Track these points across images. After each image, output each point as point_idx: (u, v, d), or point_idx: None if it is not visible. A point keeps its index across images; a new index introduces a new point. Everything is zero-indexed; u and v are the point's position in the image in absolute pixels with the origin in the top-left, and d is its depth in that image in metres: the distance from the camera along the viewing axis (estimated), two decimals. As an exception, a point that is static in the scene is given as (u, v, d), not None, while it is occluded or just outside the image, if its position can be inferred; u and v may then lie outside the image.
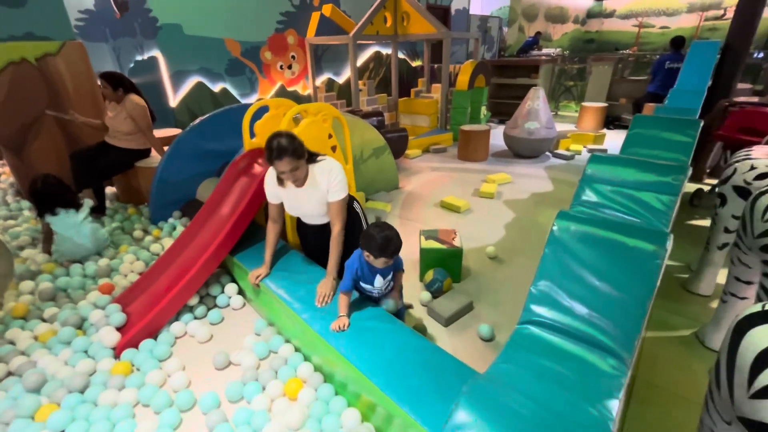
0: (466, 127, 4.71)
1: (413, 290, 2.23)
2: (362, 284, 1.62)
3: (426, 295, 2.10)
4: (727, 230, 1.93)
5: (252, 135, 2.54)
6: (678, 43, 4.79)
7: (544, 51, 8.39)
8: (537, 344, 0.98)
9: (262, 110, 2.62)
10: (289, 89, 5.80)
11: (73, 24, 4.31)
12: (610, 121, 6.17)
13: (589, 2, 15.13)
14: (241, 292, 2.22)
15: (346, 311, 1.56)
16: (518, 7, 10.91)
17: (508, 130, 4.73)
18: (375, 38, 5.64)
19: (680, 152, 1.55)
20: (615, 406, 0.82)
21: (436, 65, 7.06)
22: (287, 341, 1.83)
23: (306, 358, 1.72)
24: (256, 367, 1.71)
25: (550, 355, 0.95)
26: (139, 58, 4.67)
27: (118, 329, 1.88)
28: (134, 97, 3.12)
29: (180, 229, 2.86)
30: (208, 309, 2.11)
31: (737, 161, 1.88)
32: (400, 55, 7.28)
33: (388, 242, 1.40)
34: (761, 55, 6.20)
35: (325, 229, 1.85)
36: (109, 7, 4.70)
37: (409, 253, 2.51)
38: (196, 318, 2.05)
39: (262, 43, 5.31)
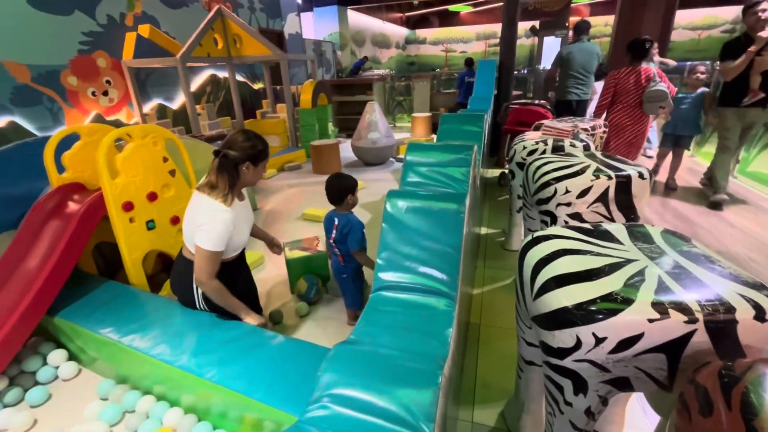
0: (317, 143, 4.90)
1: (284, 300, 2.22)
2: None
3: (303, 307, 2.11)
4: (519, 197, 2.53)
5: (60, 169, 2.14)
6: (469, 62, 6.06)
7: (376, 72, 9.34)
8: (388, 304, 1.15)
9: (71, 140, 2.23)
10: (109, 118, 5.02)
11: None
12: (436, 126, 7.29)
13: (405, 31, 17.53)
14: (72, 356, 1.83)
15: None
16: (347, 33, 11.87)
17: (354, 142, 5.10)
18: (207, 60, 5.37)
19: (473, 138, 2.02)
20: (450, 333, 1.03)
21: (278, 87, 7.11)
22: (146, 393, 1.60)
23: (174, 404, 1.54)
24: (108, 434, 1.45)
25: (398, 309, 1.12)
26: None
27: None
28: None
29: (-37, 302, 2.18)
30: (25, 390, 1.67)
31: (515, 145, 2.50)
32: (240, 78, 7.08)
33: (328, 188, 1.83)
34: (526, 71, 8.23)
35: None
36: None
37: (278, 268, 2.50)
38: (6, 406, 1.61)
39: (63, 67, 4.47)
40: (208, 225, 1.46)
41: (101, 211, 1.96)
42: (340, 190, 1.82)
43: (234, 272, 1.65)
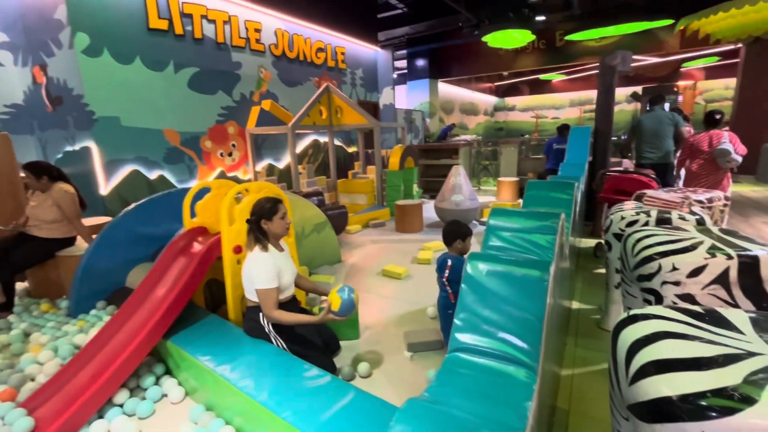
0: (401, 203, 5.13)
1: (351, 355, 2.24)
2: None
3: (363, 367, 2.07)
4: (617, 270, 2.30)
5: (193, 215, 2.59)
6: (563, 129, 5.95)
7: (462, 137, 9.69)
8: (464, 367, 1.11)
9: (203, 193, 2.71)
10: (229, 174, 5.96)
11: (-2, 118, 4.24)
12: (524, 191, 7.10)
13: (494, 99, 18.10)
14: (175, 379, 2.07)
15: None
16: (437, 102, 12.68)
17: (437, 203, 5.22)
18: (312, 128, 6.17)
19: (562, 206, 1.95)
20: (529, 406, 0.95)
21: (369, 150, 7.77)
22: (227, 423, 1.72)
23: (250, 439, 1.63)
24: (192, 457, 1.57)
25: (475, 373, 1.07)
26: (69, 148, 4.60)
27: (23, 438, 1.64)
28: (62, 185, 3.05)
29: (107, 319, 2.65)
30: (139, 401, 1.92)
31: (612, 214, 2.34)
32: (337, 142, 7.93)
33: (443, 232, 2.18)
34: (625, 137, 7.76)
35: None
36: (40, 101, 4.72)
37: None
38: (124, 414, 1.85)
39: (203, 133, 5.54)
40: (256, 269, 1.86)
41: (217, 252, 2.30)
42: (451, 234, 2.15)
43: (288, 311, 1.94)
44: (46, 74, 4.56)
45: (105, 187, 4.48)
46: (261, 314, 1.95)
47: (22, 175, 3.14)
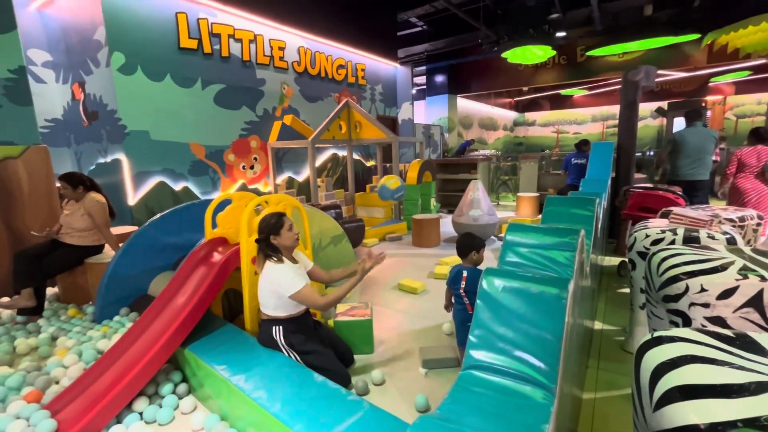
0: (418, 217, 5.12)
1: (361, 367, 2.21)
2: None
3: (378, 376, 2.11)
4: (642, 290, 2.22)
5: (214, 225, 2.65)
6: (581, 144, 5.88)
7: (481, 152, 9.64)
8: (478, 385, 1.08)
9: (225, 204, 2.78)
10: (250, 186, 6.10)
11: (39, 131, 4.50)
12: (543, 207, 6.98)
13: (514, 114, 18.02)
14: (191, 386, 2.10)
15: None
16: (455, 117, 12.73)
17: (455, 218, 5.18)
18: (331, 142, 6.28)
19: (583, 222, 1.91)
20: (547, 429, 0.91)
21: (387, 164, 7.82)
22: (241, 435, 1.73)
23: (261, 451, 1.62)
24: (205, 467, 1.57)
25: (489, 392, 1.04)
26: (101, 160, 4.83)
27: (45, 440, 1.68)
28: (94, 195, 3.19)
29: (129, 326, 2.72)
30: (156, 408, 1.95)
31: (636, 232, 2.27)
32: (355, 156, 8.03)
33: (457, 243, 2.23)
34: (651, 153, 7.57)
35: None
36: (77, 116, 5.00)
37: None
38: (141, 420, 1.88)
39: (226, 147, 5.72)
40: (283, 277, 1.92)
41: (235, 262, 2.34)
42: (465, 246, 2.18)
43: (305, 326, 2.03)
44: (84, 91, 4.84)
45: (133, 197, 4.66)
46: (274, 327, 1.97)
47: (58, 185, 3.31)
